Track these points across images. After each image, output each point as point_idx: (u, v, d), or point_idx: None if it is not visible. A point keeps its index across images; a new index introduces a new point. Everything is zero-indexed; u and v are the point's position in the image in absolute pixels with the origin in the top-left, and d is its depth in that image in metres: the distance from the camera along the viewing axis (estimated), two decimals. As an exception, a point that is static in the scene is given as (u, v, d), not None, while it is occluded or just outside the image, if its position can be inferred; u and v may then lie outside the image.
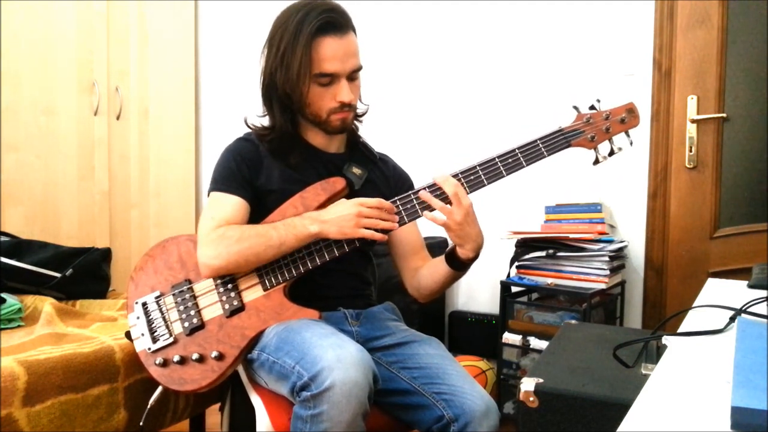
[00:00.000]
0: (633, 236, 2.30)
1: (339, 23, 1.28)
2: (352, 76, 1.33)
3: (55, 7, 2.57)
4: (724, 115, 2.14)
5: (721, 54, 2.14)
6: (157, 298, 1.34)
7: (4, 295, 1.70)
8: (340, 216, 1.22)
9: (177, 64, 3.00)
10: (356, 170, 1.41)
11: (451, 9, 2.64)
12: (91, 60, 2.69)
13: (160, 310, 1.33)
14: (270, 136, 1.37)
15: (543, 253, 2.17)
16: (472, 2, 2.58)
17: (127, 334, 1.37)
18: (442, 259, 1.34)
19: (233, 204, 1.32)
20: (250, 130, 1.42)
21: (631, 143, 1.34)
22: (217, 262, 1.25)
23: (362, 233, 1.22)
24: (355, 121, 1.45)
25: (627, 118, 1.28)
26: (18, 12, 2.48)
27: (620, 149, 1.30)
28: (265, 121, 1.41)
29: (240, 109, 1.53)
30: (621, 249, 2.19)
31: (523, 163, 1.25)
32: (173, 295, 1.33)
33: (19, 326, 1.67)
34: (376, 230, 1.23)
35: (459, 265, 1.31)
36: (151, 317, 1.33)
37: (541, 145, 1.26)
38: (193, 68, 3.07)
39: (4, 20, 2.44)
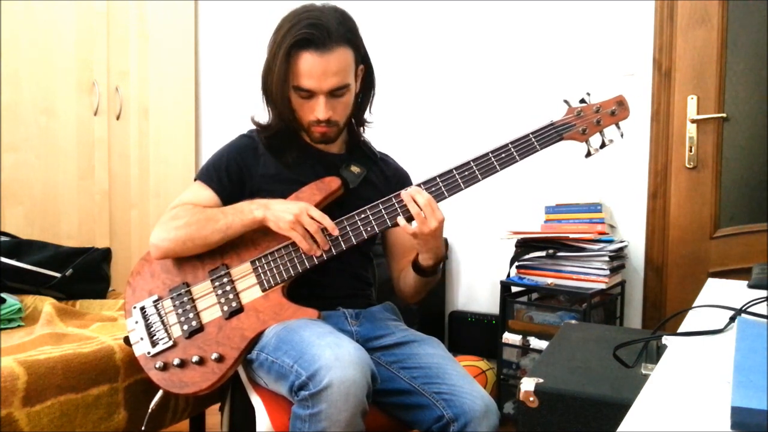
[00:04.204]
0: (633, 236, 2.30)
1: (319, 40, 1.24)
2: (336, 93, 1.30)
3: (55, 7, 2.57)
4: (724, 115, 2.14)
5: (721, 54, 2.14)
6: (155, 302, 1.34)
7: (4, 295, 1.70)
8: (283, 211, 1.24)
9: (177, 64, 2.99)
10: (355, 168, 1.41)
11: (451, 10, 2.64)
12: (91, 60, 2.69)
13: (159, 314, 1.32)
14: (268, 132, 1.39)
15: (543, 253, 2.17)
16: (473, 2, 2.58)
17: (126, 339, 1.36)
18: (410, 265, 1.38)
19: (205, 196, 1.35)
20: (253, 127, 1.43)
21: (622, 135, 1.34)
22: (165, 245, 1.30)
23: (292, 235, 1.24)
24: (361, 127, 1.46)
25: (617, 110, 1.29)
26: (18, 12, 2.48)
27: (611, 141, 1.30)
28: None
29: (240, 110, 1.53)
30: (621, 249, 2.19)
31: (516, 157, 1.26)
32: (171, 298, 1.33)
33: (19, 326, 1.67)
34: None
35: (421, 272, 1.34)
36: (149, 321, 1.33)
37: (533, 139, 1.26)
38: (193, 68, 3.07)
39: (4, 20, 2.44)
